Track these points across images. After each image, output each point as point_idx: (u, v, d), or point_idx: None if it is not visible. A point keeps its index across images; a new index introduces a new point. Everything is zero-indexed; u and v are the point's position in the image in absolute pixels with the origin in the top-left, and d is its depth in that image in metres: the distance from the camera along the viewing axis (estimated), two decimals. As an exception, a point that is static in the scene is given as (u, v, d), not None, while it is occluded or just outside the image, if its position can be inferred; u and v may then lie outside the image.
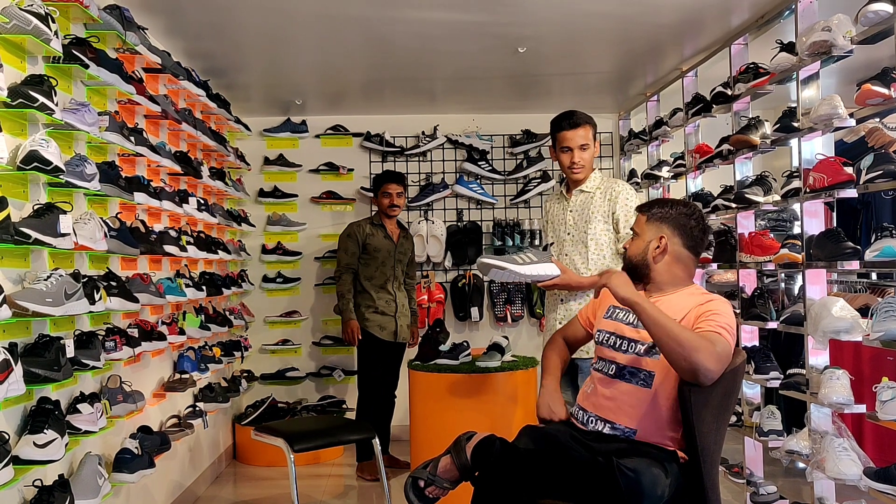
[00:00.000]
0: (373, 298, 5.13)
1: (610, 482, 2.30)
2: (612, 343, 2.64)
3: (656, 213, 2.66)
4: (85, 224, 2.88)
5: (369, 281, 5.14)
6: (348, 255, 5.14)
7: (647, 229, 2.65)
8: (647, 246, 2.64)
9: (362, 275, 5.15)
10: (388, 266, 5.19)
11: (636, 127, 6.09)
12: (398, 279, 5.26)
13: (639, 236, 2.68)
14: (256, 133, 6.15)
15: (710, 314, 2.45)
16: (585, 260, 3.54)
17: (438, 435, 3.88)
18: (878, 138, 4.80)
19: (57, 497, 2.56)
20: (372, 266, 5.16)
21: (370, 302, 5.13)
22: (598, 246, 3.51)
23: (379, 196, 5.24)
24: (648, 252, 2.64)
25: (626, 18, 4.11)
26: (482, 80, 5.32)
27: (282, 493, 4.78)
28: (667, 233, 2.62)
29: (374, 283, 5.15)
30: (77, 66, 2.91)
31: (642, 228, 2.67)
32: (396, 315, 5.19)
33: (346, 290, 5.12)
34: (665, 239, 2.62)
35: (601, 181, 3.62)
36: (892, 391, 2.92)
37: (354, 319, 5.07)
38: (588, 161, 3.57)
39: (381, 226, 5.23)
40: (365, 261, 5.15)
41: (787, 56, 3.63)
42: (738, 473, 4.08)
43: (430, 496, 2.44)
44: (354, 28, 4.17)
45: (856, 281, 4.74)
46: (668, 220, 2.64)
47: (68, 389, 2.91)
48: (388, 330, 5.16)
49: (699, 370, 2.30)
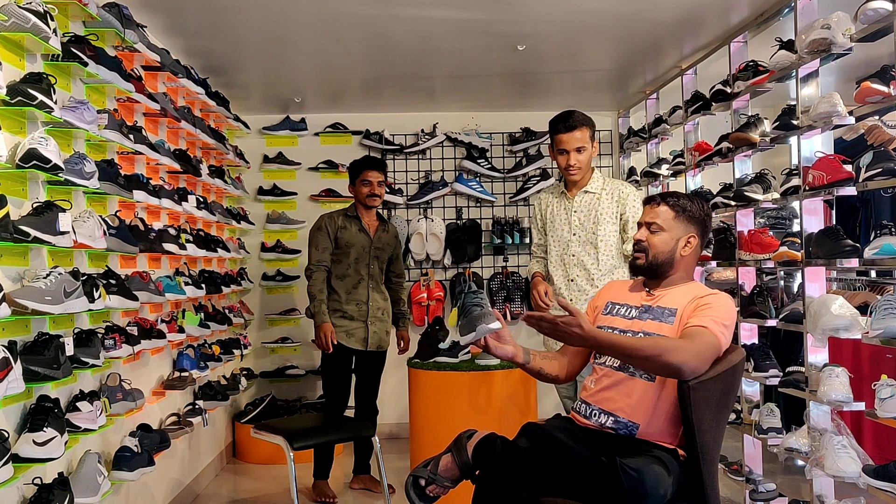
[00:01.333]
0: (340, 301, 4.57)
1: (613, 481, 2.29)
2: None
3: (688, 212, 2.63)
4: (84, 222, 2.87)
5: (340, 280, 4.59)
6: (319, 251, 4.58)
7: (676, 226, 2.62)
8: (676, 243, 2.62)
9: (334, 273, 4.61)
10: (361, 264, 4.61)
11: (636, 125, 6.09)
12: (375, 279, 4.66)
13: (665, 231, 2.62)
14: (256, 131, 6.15)
15: (702, 307, 2.50)
16: (596, 261, 3.57)
17: (438, 433, 3.89)
18: (878, 136, 4.80)
19: (57, 495, 2.56)
20: (344, 263, 4.59)
21: (337, 305, 4.57)
22: (607, 247, 3.56)
23: (357, 184, 4.65)
24: (677, 250, 2.63)
25: (626, 16, 4.10)
26: (482, 77, 5.31)
27: (281, 490, 4.78)
28: (695, 232, 2.63)
29: (346, 283, 4.59)
30: (76, 64, 2.91)
31: (670, 224, 2.62)
32: (368, 320, 4.59)
33: (318, 291, 4.52)
34: (695, 238, 2.63)
35: (605, 181, 3.65)
36: (891, 389, 2.92)
37: (328, 322, 4.47)
38: (585, 163, 3.59)
39: (355, 217, 4.65)
40: (336, 257, 4.60)
41: (786, 54, 3.63)
42: (737, 471, 4.08)
43: (431, 495, 2.44)
44: (354, 26, 4.17)
45: (855, 279, 4.74)
46: (696, 220, 2.63)
47: (68, 387, 2.91)
48: (357, 337, 4.57)
49: (678, 369, 2.34)
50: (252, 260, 6.12)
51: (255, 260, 6.15)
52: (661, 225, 2.63)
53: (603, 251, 3.56)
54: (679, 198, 2.66)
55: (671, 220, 2.62)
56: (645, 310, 2.62)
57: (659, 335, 2.53)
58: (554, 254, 3.69)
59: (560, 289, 3.65)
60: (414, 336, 4.88)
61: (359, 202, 4.68)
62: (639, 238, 2.66)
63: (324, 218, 4.69)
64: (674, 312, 2.56)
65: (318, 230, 4.64)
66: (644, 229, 2.67)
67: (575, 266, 3.60)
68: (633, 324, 2.61)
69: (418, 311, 6.09)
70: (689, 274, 2.70)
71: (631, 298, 2.70)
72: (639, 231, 2.68)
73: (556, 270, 3.67)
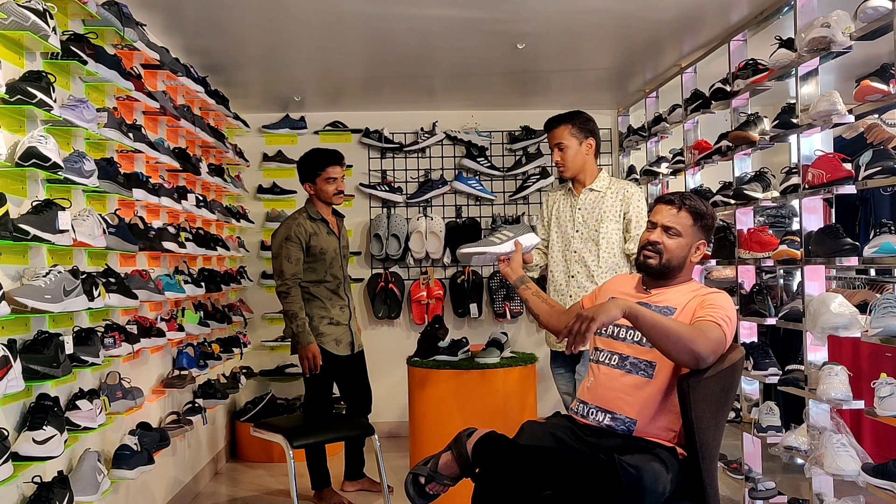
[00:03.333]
0: (326, 307, 4.31)
1: (611, 478, 2.30)
2: (613, 333, 2.66)
3: (705, 220, 2.65)
4: (84, 220, 2.87)
5: (319, 286, 4.31)
6: (293, 264, 4.20)
7: (693, 233, 2.63)
8: (689, 249, 2.65)
9: (308, 280, 4.28)
10: (336, 266, 4.35)
11: (635, 123, 6.09)
12: (347, 279, 4.49)
13: (682, 237, 2.62)
14: (255, 129, 6.15)
15: (709, 305, 2.53)
16: (596, 258, 3.59)
17: (438, 431, 3.89)
18: (877, 135, 4.79)
19: (56, 493, 2.56)
20: (320, 270, 4.30)
21: (324, 312, 4.30)
22: (609, 245, 3.59)
23: (318, 182, 4.32)
24: (689, 256, 2.65)
25: (626, 15, 4.10)
26: (481, 76, 5.31)
27: (281, 489, 4.78)
28: (705, 238, 2.68)
29: (326, 288, 4.33)
30: (75, 63, 2.91)
31: (688, 230, 2.62)
32: (350, 322, 4.43)
33: (299, 308, 4.17)
34: (704, 245, 2.67)
35: (611, 181, 3.68)
36: (891, 387, 2.92)
37: (314, 343, 4.18)
38: (568, 159, 3.67)
39: (322, 220, 4.35)
40: (310, 266, 4.28)
41: (786, 52, 3.63)
42: (736, 469, 4.09)
43: (431, 493, 2.44)
44: (353, 24, 4.17)
45: (854, 277, 4.74)
46: (708, 229, 2.68)
47: (67, 386, 2.91)
48: (345, 342, 4.38)
49: (703, 358, 2.38)
50: (251, 258, 6.12)
51: (255, 258, 6.15)
52: (679, 230, 2.62)
53: (605, 248, 3.59)
54: (696, 203, 2.66)
55: (689, 227, 2.63)
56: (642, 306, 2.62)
57: None
58: (556, 249, 3.71)
59: (560, 284, 3.67)
60: (414, 334, 4.89)
61: (321, 200, 4.36)
62: (655, 240, 2.63)
63: (290, 226, 4.27)
64: (672, 311, 2.57)
65: (287, 241, 4.22)
66: (661, 231, 2.64)
67: (576, 262, 3.63)
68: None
69: (418, 310, 6.09)
70: (688, 274, 2.72)
71: (631, 295, 2.70)
72: (654, 232, 2.65)
73: (558, 266, 3.69)
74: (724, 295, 2.60)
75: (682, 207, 2.64)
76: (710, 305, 2.52)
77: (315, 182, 4.34)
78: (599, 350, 2.68)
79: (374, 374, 6.11)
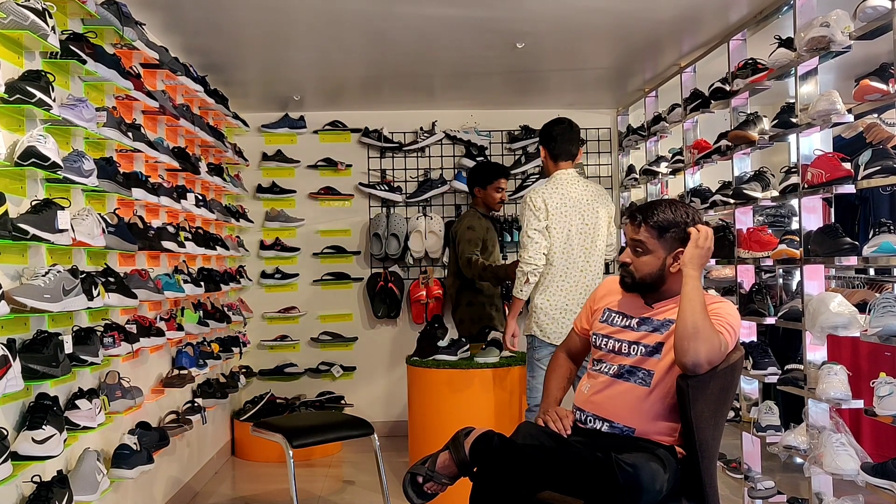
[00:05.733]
0: (492, 295, 4.84)
1: (608, 477, 2.30)
2: (613, 347, 2.63)
3: (671, 230, 2.53)
4: (83, 220, 2.88)
5: None
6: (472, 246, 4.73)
7: (660, 246, 2.54)
8: (662, 262, 2.55)
9: None
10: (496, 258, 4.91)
11: (634, 123, 6.08)
12: None
13: (650, 253, 2.54)
14: (254, 129, 6.15)
15: (716, 316, 2.46)
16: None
17: (436, 430, 3.90)
18: (877, 134, 4.78)
19: (56, 493, 2.56)
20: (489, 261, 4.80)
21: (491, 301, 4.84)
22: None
23: (489, 190, 4.87)
24: (665, 267, 2.56)
25: (625, 14, 4.10)
26: (480, 75, 5.31)
27: (280, 488, 4.78)
28: (681, 246, 2.53)
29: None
30: (74, 62, 2.91)
31: (654, 245, 2.54)
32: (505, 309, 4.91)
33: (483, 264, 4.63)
34: (680, 251, 2.53)
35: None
36: (890, 386, 2.92)
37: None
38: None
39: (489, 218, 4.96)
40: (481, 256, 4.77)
41: (785, 52, 3.63)
42: (735, 468, 4.09)
43: (429, 492, 2.45)
44: (353, 24, 4.17)
45: (854, 276, 4.74)
46: (681, 237, 2.53)
47: (67, 385, 2.91)
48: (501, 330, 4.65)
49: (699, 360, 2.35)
50: (251, 258, 6.12)
51: (254, 258, 6.15)
52: (646, 247, 2.55)
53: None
54: (658, 214, 2.54)
55: (654, 241, 2.54)
56: (643, 321, 2.61)
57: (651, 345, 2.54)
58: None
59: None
60: (412, 334, 4.89)
61: (489, 206, 4.91)
62: (624, 260, 2.60)
63: (472, 219, 4.83)
64: (673, 321, 2.52)
65: (469, 230, 4.77)
66: (629, 251, 2.60)
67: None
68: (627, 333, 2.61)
69: (417, 310, 6.09)
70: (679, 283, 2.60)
71: (630, 309, 2.67)
72: (624, 252, 2.62)
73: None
74: (728, 304, 2.57)
75: (643, 224, 2.55)
76: (715, 315, 2.46)
77: (486, 188, 4.88)
78: (601, 362, 2.66)
79: (374, 374, 6.16)
